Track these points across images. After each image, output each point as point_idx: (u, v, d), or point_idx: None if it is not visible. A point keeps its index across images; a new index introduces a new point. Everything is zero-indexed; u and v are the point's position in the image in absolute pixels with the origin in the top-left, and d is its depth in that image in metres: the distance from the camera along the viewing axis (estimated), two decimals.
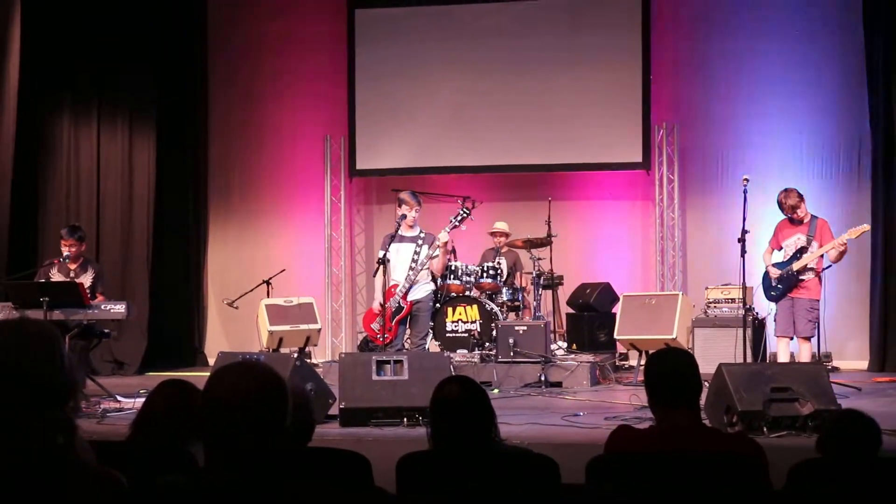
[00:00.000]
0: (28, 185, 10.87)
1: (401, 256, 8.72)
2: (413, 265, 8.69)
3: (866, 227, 8.67)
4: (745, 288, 8.36)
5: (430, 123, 11.68)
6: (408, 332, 8.91)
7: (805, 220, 8.57)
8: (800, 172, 10.90)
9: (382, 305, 8.56)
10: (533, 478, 3.26)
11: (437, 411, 3.37)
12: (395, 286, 8.67)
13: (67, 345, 7.51)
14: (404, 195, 8.88)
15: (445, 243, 8.77)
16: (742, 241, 8.01)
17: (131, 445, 3.27)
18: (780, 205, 8.60)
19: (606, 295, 10.69)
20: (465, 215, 8.89)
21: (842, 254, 8.44)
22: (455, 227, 8.89)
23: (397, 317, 8.69)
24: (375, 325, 8.83)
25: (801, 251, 8.50)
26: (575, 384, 8.84)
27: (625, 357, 10.55)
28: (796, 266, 8.47)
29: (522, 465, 3.36)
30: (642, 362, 9.10)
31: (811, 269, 8.47)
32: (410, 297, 8.74)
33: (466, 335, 9.54)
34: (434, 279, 9.29)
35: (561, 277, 10.77)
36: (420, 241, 8.73)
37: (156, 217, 11.49)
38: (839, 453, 3.25)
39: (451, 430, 3.30)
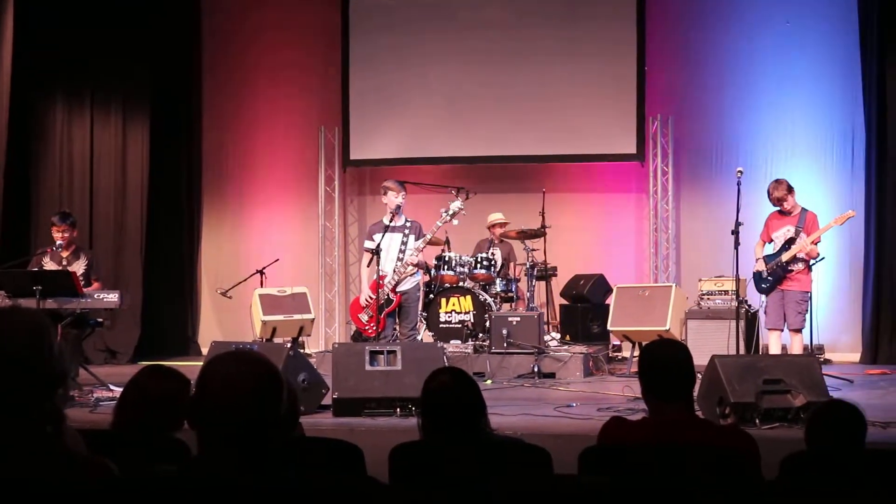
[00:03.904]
0: (21, 174, 10.84)
1: (389, 246, 8.57)
2: (401, 255, 8.60)
3: (852, 212, 8.64)
4: (738, 280, 8.36)
5: (425, 114, 11.66)
6: (396, 324, 8.72)
7: (794, 213, 8.58)
8: (793, 164, 10.92)
9: (371, 298, 8.51)
10: (525, 468, 3.27)
11: (427, 402, 3.37)
12: (384, 277, 8.56)
13: (60, 334, 7.49)
14: (390, 183, 8.70)
15: (417, 263, 8.65)
16: (736, 232, 8.00)
17: (120, 433, 3.27)
18: (769, 195, 8.59)
19: (600, 286, 10.71)
20: (457, 210, 8.70)
21: (812, 252, 8.42)
22: (447, 221, 8.76)
23: (386, 309, 8.55)
24: (364, 317, 8.76)
25: (789, 242, 8.50)
26: (568, 375, 8.85)
27: (618, 348, 10.58)
28: (785, 257, 8.47)
29: (515, 455, 3.36)
30: (635, 354, 9.12)
31: (801, 260, 8.47)
32: (399, 289, 8.67)
33: (460, 326, 9.54)
34: (427, 269, 9.27)
35: (555, 268, 10.78)
36: (407, 231, 8.63)
37: (149, 206, 11.47)
38: (826, 443, 3.26)
39: (442, 421, 3.30)
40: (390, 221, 8.58)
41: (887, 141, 10.30)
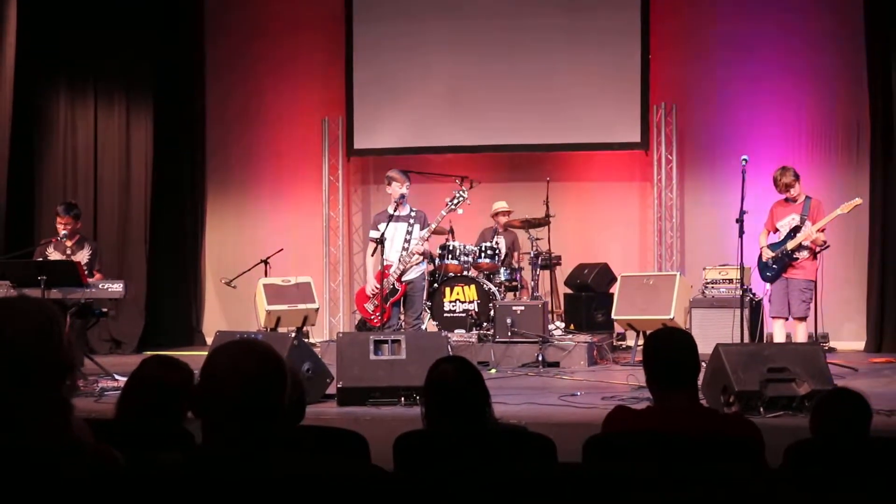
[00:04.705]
0: (25, 164, 10.84)
1: (394, 236, 8.59)
2: (405, 245, 8.60)
3: (858, 200, 8.58)
4: (742, 268, 8.35)
5: (429, 103, 11.64)
6: (402, 313, 8.76)
7: (799, 200, 8.55)
8: (798, 152, 10.89)
9: (377, 287, 8.51)
10: (530, 456, 3.27)
11: (431, 391, 3.37)
12: (389, 266, 8.57)
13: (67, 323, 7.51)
14: (394, 173, 8.71)
15: (423, 252, 8.68)
16: (740, 221, 7.99)
17: (124, 423, 3.27)
18: (775, 182, 8.55)
19: (604, 275, 10.70)
20: (461, 199, 8.71)
21: (817, 239, 8.39)
22: (452, 210, 8.77)
23: (392, 299, 8.57)
24: (369, 306, 8.77)
25: (794, 231, 8.48)
26: (572, 364, 8.86)
27: (622, 337, 10.58)
28: (790, 245, 8.45)
29: (519, 443, 3.36)
30: (639, 342, 9.12)
31: (806, 248, 8.45)
32: (404, 278, 8.68)
33: (464, 315, 9.54)
34: (431, 258, 9.27)
35: (559, 257, 10.78)
36: (412, 220, 8.64)
37: (153, 197, 11.47)
38: (830, 432, 3.26)
39: (445, 410, 3.30)
40: (395, 211, 8.57)
41: (893, 129, 10.28)
